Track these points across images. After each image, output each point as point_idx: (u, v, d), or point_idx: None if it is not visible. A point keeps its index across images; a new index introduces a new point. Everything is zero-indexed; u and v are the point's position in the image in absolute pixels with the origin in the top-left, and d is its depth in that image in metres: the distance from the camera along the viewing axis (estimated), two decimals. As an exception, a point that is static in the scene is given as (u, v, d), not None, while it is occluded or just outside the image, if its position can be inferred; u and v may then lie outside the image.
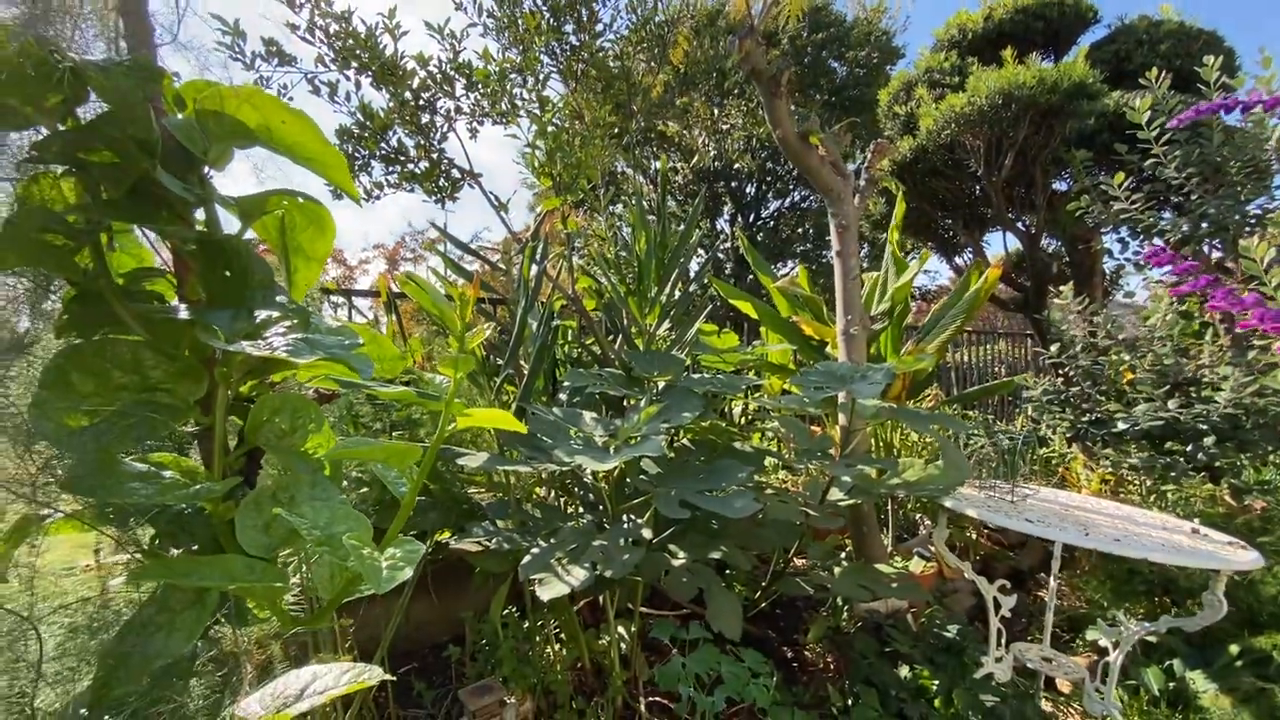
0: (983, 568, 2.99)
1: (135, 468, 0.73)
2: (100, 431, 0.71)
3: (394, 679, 0.87)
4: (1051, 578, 2.03)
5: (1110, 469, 2.91)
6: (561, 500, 2.47)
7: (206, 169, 0.84)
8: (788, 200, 12.63)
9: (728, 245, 12.57)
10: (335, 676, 1.00)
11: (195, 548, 0.81)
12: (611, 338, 2.72)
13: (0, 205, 0.97)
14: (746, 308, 3.43)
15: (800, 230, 12.81)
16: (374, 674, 0.97)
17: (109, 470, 0.70)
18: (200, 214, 0.88)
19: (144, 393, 0.75)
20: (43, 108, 0.77)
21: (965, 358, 6.24)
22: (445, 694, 2.05)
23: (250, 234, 1.00)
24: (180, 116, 0.80)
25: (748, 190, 12.09)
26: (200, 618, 0.73)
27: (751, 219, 12.59)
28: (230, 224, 0.97)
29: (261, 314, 0.74)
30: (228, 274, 0.79)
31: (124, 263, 0.89)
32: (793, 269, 13.21)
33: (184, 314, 0.74)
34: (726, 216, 12.68)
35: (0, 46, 0.66)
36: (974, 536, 3.13)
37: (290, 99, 2.80)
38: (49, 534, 0.98)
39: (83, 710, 0.69)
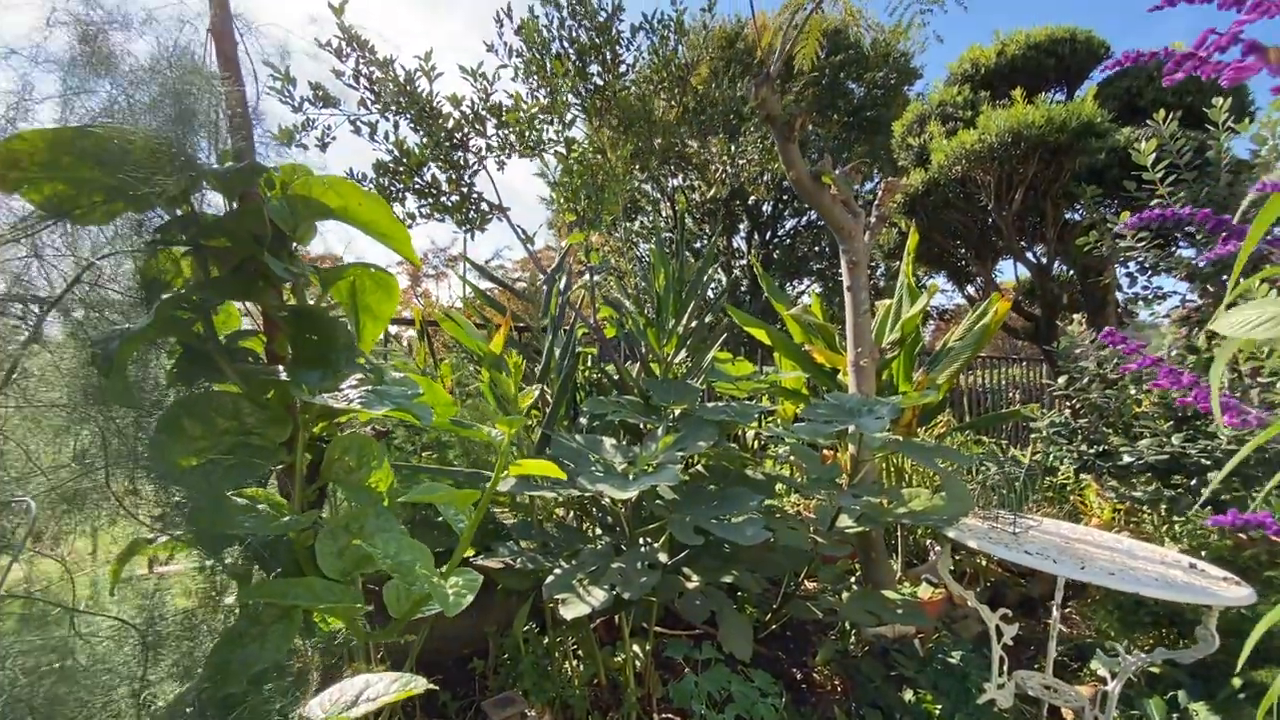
0: (992, 595, 3.04)
1: (239, 502, 0.87)
2: (208, 470, 0.84)
3: (434, 688, 0.99)
4: (1054, 607, 2.10)
5: (1119, 500, 2.96)
6: (580, 521, 2.58)
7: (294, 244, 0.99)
8: (804, 218, 12.71)
9: (743, 262, 12.67)
10: (386, 684, 1.12)
11: (279, 570, 0.94)
12: (629, 363, 2.84)
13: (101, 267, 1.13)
14: (761, 334, 3.54)
15: (817, 248, 12.87)
16: (419, 683, 1.09)
17: (221, 505, 0.83)
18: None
19: (241, 436, 0.89)
20: (164, 196, 0.92)
21: (980, 381, 6.26)
22: (469, 705, 2.15)
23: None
24: (275, 202, 0.95)
25: (764, 209, 12.20)
26: (288, 631, 0.85)
27: (768, 236, 12.68)
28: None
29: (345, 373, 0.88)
30: (314, 337, 0.93)
31: (217, 321, 1.03)
32: (810, 286, 13.25)
33: (283, 375, 0.88)
34: (743, 234, 12.80)
35: (140, 151, 0.81)
36: (984, 563, 3.18)
37: (333, 138, 3.00)
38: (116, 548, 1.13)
39: (188, 708, 0.82)
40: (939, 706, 2.00)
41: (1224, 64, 0.52)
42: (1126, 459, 2.72)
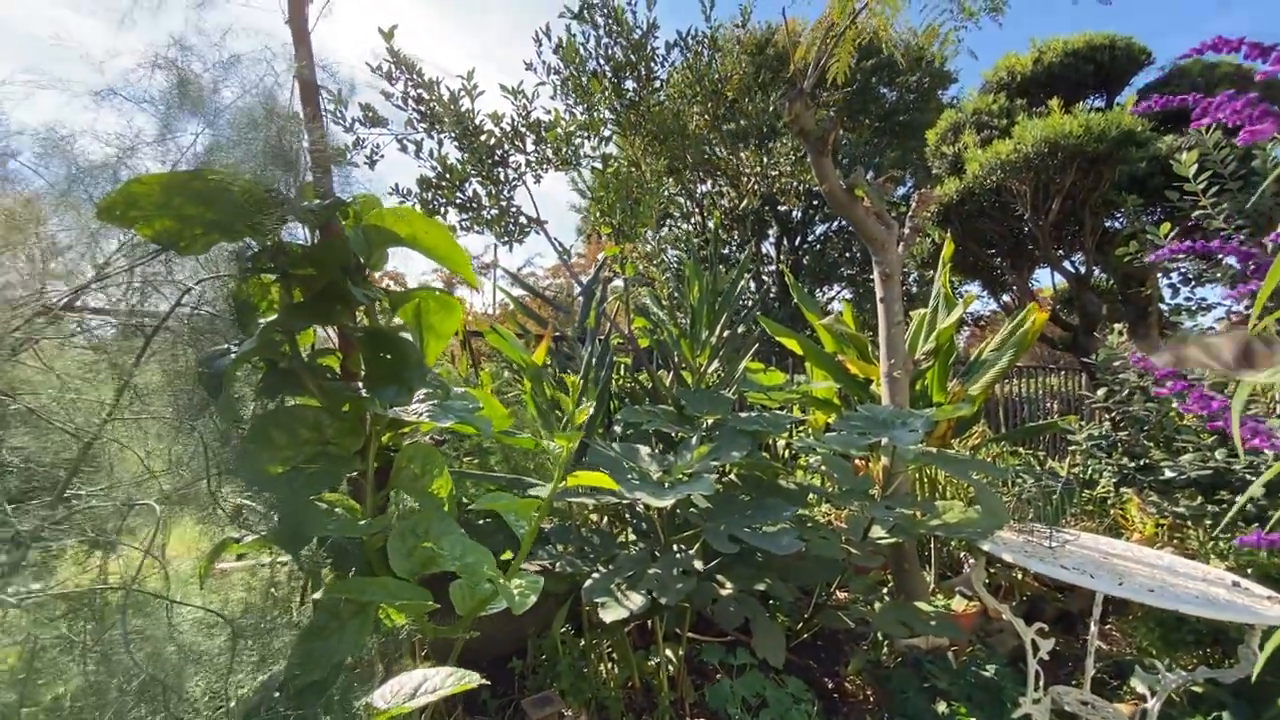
0: (1029, 609, 3.00)
1: (322, 507, 0.96)
2: (292, 478, 0.93)
3: (487, 682, 1.06)
4: (1092, 623, 2.08)
5: (1161, 516, 2.90)
6: (613, 526, 2.64)
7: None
8: (835, 224, 12.62)
9: (772, 268, 12.62)
10: (442, 678, 1.20)
11: (353, 569, 1.03)
12: (662, 371, 2.90)
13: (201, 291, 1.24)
14: (792, 344, 3.56)
15: (847, 254, 12.75)
16: (474, 678, 1.17)
17: (307, 509, 0.92)
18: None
19: (320, 446, 0.98)
20: (254, 229, 1.02)
21: (1016, 390, 6.14)
22: (508, 704, 2.23)
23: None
24: (351, 231, 1.04)
25: (794, 215, 12.13)
26: (364, 626, 0.94)
27: (798, 242, 12.61)
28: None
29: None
30: (388, 356, 1.01)
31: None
32: (840, 293, 13.10)
33: (363, 392, 0.97)
34: (772, 240, 12.75)
35: (243, 192, 0.91)
36: (1020, 577, 3.14)
37: (381, 156, 3.15)
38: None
39: (275, 693, 0.90)
40: (972, 719, 2.01)
41: (1244, 119, 0.55)
42: (1169, 473, 2.67)
